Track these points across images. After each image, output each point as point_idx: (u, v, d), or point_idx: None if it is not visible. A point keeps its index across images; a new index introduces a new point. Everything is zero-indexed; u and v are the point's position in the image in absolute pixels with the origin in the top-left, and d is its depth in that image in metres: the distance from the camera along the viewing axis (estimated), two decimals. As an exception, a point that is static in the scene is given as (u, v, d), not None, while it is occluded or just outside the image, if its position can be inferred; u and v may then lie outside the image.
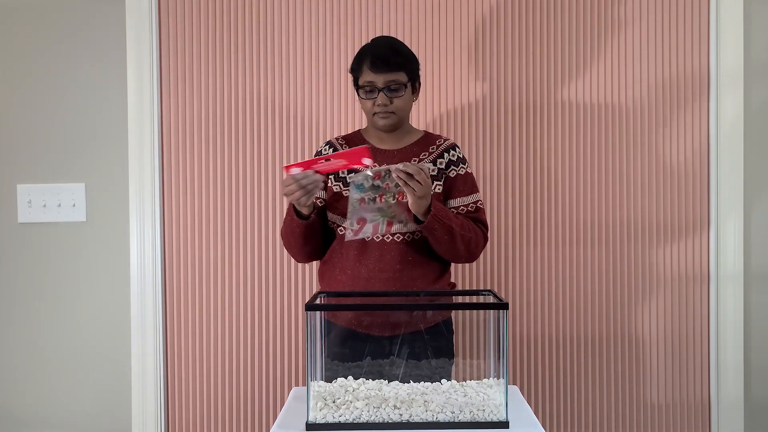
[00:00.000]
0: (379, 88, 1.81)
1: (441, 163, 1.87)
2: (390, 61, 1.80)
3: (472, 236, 1.82)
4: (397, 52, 1.82)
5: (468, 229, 1.82)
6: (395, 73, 1.81)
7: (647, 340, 2.33)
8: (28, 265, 2.36)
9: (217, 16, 2.32)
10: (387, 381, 1.54)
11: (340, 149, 1.92)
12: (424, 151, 1.89)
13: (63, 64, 2.34)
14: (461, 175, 1.89)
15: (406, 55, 1.84)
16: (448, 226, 1.76)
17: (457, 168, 1.89)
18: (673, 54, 2.32)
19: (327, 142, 1.96)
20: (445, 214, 1.77)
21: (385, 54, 1.81)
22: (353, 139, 1.94)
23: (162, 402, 2.33)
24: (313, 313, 1.45)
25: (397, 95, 1.82)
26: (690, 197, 2.33)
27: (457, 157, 1.89)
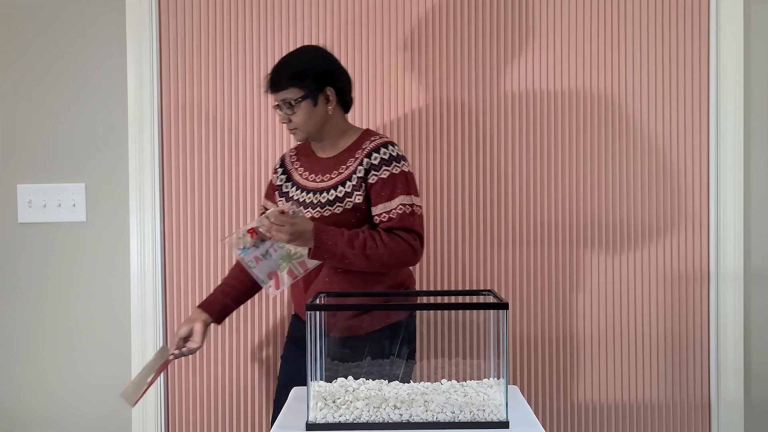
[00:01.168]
0: (276, 105, 1.86)
1: (360, 171, 1.82)
2: (278, 80, 1.82)
3: (381, 252, 1.76)
4: (287, 69, 1.82)
5: (375, 246, 1.75)
6: (285, 91, 1.81)
7: (647, 340, 2.33)
8: (28, 265, 2.36)
9: (217, 16, 2.32)
10: (387, 381, 1.54)
11: (286, 158, 2.00)
12: (350, 158, 1.87)
13: (63, 64, 2.34)
14: (382, 179, 1.81)
15: (296, 70, 1.81)
16: (340, 254, 1.74)
17: (378, 172, 1.81)
18: (673, 54, 2.32)
19: (281, 157, 2.03)
20: (332, 241, 1.73)
21: (275, 73, 1.83)
22: (303, 147, 1.99)
23: (162, 402, 2.33)
24: (313, 313, 1.45)
25: (290, 112, 1.83)
26: (690, 197, 2.33)
27: (380, 160, 1.82)
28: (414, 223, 1.80)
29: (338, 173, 1.86)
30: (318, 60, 1.86)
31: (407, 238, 1.79)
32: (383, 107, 2.31)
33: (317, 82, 1.83)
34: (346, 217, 1.83)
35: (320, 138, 1.90)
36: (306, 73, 1.82)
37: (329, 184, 1.86)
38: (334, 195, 1.84)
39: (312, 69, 1.83)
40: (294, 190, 1.92)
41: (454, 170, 2.32)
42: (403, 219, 1.79)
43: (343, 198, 1.83)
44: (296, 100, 1.81)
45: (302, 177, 1.93)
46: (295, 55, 1.88)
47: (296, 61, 1.85)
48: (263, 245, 1.80)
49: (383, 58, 2.31)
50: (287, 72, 1.82)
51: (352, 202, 1.82)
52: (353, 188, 1.83)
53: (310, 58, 1.87)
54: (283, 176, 1.97)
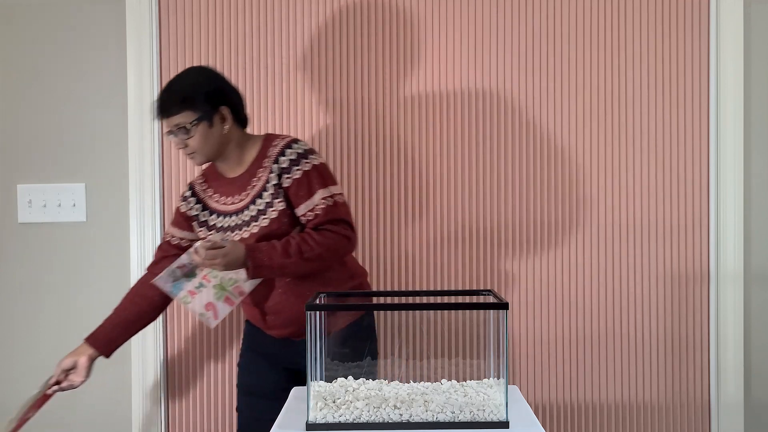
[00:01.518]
0: (170, 132, 1.81)
1: (273, 179, 1.81)
2: (169, 105, 1.77)
3: (318, 251, 1.75)
4: (174, 93, 1.78)
5: (309, 247, 1.75)
6: (178, 115, 1.77)
7: (647, 340, 2.33)
8: (28, 265, 2.36)
9: (217, 16, 2.32)
10: (387, 381, 1.54)
11: (198, 188, 1.94)
12: (260, 168, 1.83)
13: (63, 64, 2.34)
14: (296, 179, 1.80)
15: (184, 94, 1.77)
16: (277, 265, 1.73)
17: (290, 174, 1.80)
18: (673, 54, 2.32)
19: (189, 184, 1.98)
20: (268, 255, 1.72)
21: (163, 100, 1.79)
22: (210, 172, 1.94)
23: (162, 402, 2.33)
24: (313, 313, 1.45)
25: (185, 137, 1.79)
26: (690, 197, 2.33)
27: (289, 162, 1.80)
28: (339, 212, 1.81)
29: (252, 187, 1.83)
30: (207, 80, 1.83)
31: (337, 229, 1.79)
32: (383, 105, 2.32)
33: (210, 102, 1.79)
34: (276, 226, 1.80)
35: (222, 158, 1.86)
36: (197, 95, 1.78)
37: (247, 201, 1.83)
38: (255, 210, 1.82)
39: (203, 90, 1.79)
40: (215, 217, 1.89)
41: (454, 170, 2.32)
42: (328, 212, 1.79)
43: (265, 209, 1.81)
44: (191, 123, 1.77)
45: (219, 203, 1.89)
46: (183, 78, 1.83)
47: (185, 84, 1.80)
48: (195, 278, 1.80)
49: (384, 55, 2.31)
50: (178, 96, 1.77)
51: (276, 211, 1.80)
52: (272, 197, 1.80)
53: (200, 80, 1.82)
54: (197, 205, 1.92)
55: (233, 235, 1.83)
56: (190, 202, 1.94)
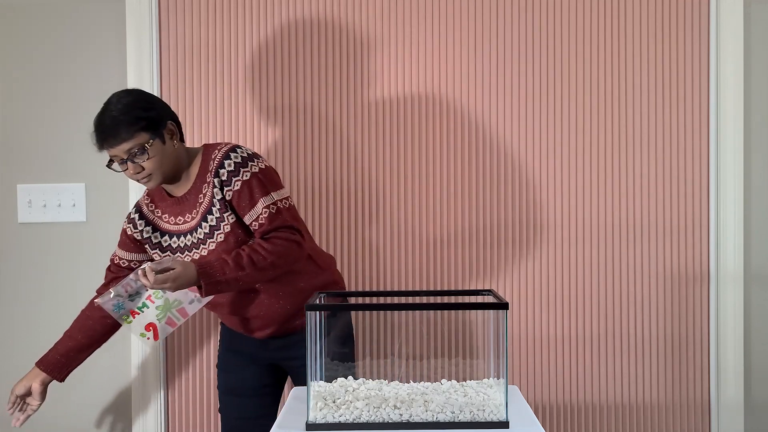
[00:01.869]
0: (124, 159, 1.73)
1: (217, 193, 1.75)
2: (120, 132, 1.70)
3: (270, 260, 1.71)
4: (124, 118, 1.71)
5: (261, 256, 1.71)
6: (131, 140, 1.71)
7: (647, 340, 2.33)
8: (28, 265, 2.36)
9: (217, 16, 2.32)
10: (387, 381, 1.54)
11: (145, 209, 1.88)
12: (203, 183, 1.79)
13: (63, 64, 2.34)
14: (236, 191, 1.75)
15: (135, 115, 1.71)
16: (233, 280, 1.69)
17: (231, 185, 1.75)
18: (673, 54, 2.32)
19: (135, 205, 1.92)
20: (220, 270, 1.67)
21: (112, 125, 1.70)
22: (156, 194, 1.88)
23: (162, 401, 2.33)
24: (312, 313, 1.45)
25: (143, 159, 1.72)
26: (690, 197, 2.33)
27: (227, 174, 1.75)
28: (284, 219, 1.77)
29: (199, 204, 1.79)
30: (145, 99, 1.77)
31: (285, 235, 1.75)
32: (383, 105, 2.31)
33: (157, 119, 1.75)
34: (233, 239, 1.77)
35: (174, 176, 1.81)
36: (144, 113, 1.73)
37: (198, 219, 1.80)
38: (208, 227, 1.78)
39: (147, 108, 1.74)
40: (167, 238, 1.85)
41: (454, 170, 2.32)
42: (273, 220, 1.75)
43: (218, 224, 1.77)
44: (148, 143, 1.71)
45: (169, 223, 1.85)
46: (120, 103, 1.74)
47: (127, 107, 1.73)
48: (139, 297, 1.78)
49: (383, 54, 2.31)
50: (126, 119, 1.70)
51: (228, 225, 1.76)
52: (220, 211, 1.76)
53: (138, 99, 1.76)
54: (147, 227, 1.87)
55: (191, 254, 1.80)
56: (138, 225, 1.87)
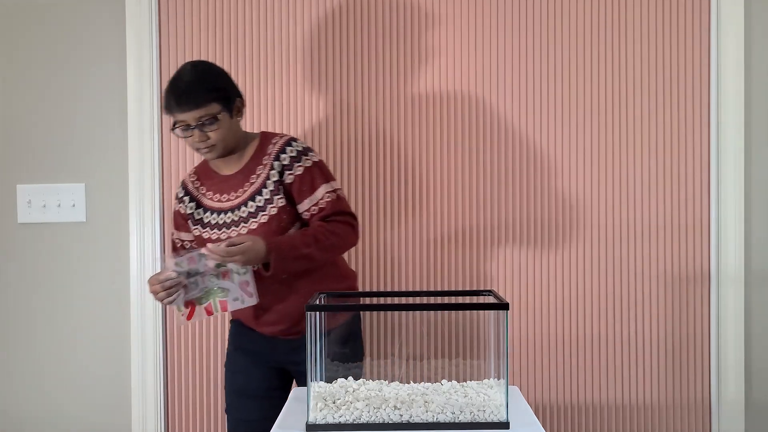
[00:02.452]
0: (192, 126, 1.76)
1: (274, 175, 1.81)
2: (195, 98, 1.73)
3: (331, 240, 1.78)
4: (200, 86, 1.75)
5: (323, 236, 1.77)
6: (204, 107, 1.74)
7: (647, 341, 2.33)
8: (28, 265, 2.36)
9: (217, 16, 2.32)
10: (387, 381, 1.54)
11: (189, 185, 1.92)
12: (259, 165, 1.84)
13: (63, 64, 2.34)
14: (298, 176, 1.82)
15: (212, 85, 1.77)
16: (298, 255, 1.74)
17: (291, 170, 1.82)
18: (674, 54, 2.32)
19: (181, 182, 1.96)
20: (289, 246, 1.73)
21: (189, 91, 1.73)
22: (203, 170, 1.93)
23: (162, 401, 2.33)
24: (313, 313, 1.45)
25: (212, 129, 1.76)
26: (691, 197, 2.32)
27: (290, 159, 1.82)
28: (343, 206, 1.85)
29: (250, 184, 1.84)
30: (222, 72, 1.83)
31: (344, 220, 1.83)
32: (382, 105, 2.32)
33: (230, 92, 1.80)
34: (275, 223, 1.80)
35: (231, 152, 1.85)
36: (221, 85, 1.78)
37: (244, 197, 1.83)
38: (254, 206, 1.82)
39: (224, 80, 1.81)
40: (208, 215, 1.88)
41: (454, 170, 2.32)
42: (332, 206, 1.82)
43: (265, 206, 1.81)
44: (219, 114, 1.76)
45: (213, 200, 1.88)
46: (200, 70, 1.79)
47: (207, 76, 1.78)
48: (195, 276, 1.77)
49: (385, 54, 2.31)
50: (203, 87, 1.75)
51: (275, 207, 1.81)
52: (272, 193, 1.81)
53: (217, 71, 1.82)
54: (192, 203, 1.91)
55: (230, 232, 1.83)
56: (184, 201, 1.92)
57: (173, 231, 1.99)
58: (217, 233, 1.85)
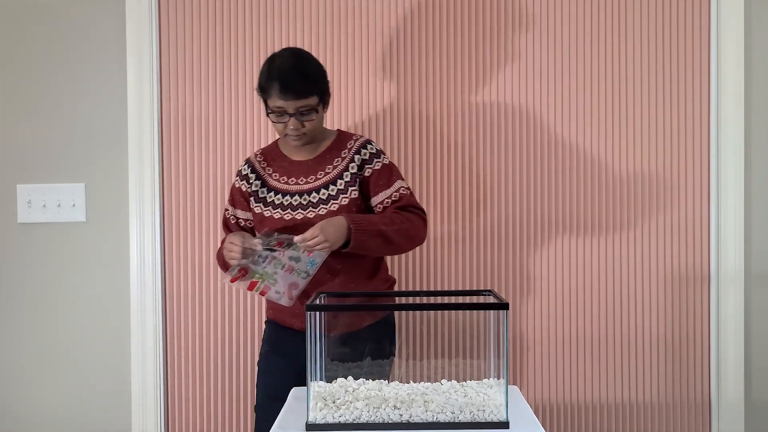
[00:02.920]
0: (290, 114, 1.80)
1: (353, 168, 1.89)
2: (300, 88, 1.78)
3: (406, 226, 1.85)
4: (306, 77, 1.79)
5: (399, 221, 1.84)
6: (306, 99, 1.79)
7: (647, 340, 2.33)
8: (28, 265, 2.36)
9: (217, 16, 2.32)
10: (387, 381, 1.54)
11: (255, 164, 1.96)
12: (336, 157, 1.91)
13: (63, 64, 2.34)
14: (377, 170, 1.90)
15: (315, 77, 1.82)
16: (376, 231, 1.79)
17: (371, 164, 1.90)
18: (674, 54, 2.32)
19: (246, 161, 1.99)
20: (367, 222, 1.79)
21: (294, 80, 1.77)
22: (271, 152, 1.97)
23: (162, 402, 2.33)
24: (313, 313, 1.45)
25: (308, 119, 1.82)
26: (690, 197, 2.33)
27: (369, 154, 1.91)
28: (415, 201, 1.93)
29: (325, 173, 1.89)
30: (321, 65, 1.87)
31: (417, 214, 1.90)
32: (383, 104, 2.31)
33: (327, 86, 1.87)
34: (344, 212, 1.85)
35: (313, 141, 1.91)
36: (323, 80, 1.85)
37: (317, 184, 1.89)
38: (326, 194, 1.87)
39: (323, 74, 1.86)
40: (272, 194, 1.91)
41: (454, 170, 2.32)
42: (407, 199, 1.90)
43: (337, 195, 1.87)
44: (317, 105, 1.82)
45: (280, 181, 1.92)
46: (305, 61, 1.84)
47: (311, 68, 1.83)
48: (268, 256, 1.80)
49: (383, 62, 2.31)
50: (308, 78, 1.80)
51: (347, 198, 1.86)
52: (347, 184, 1.87)
53: (318, 63, 1.86)
54: (257, 182, 1.94)
55: (294, 214, 1.87)
56: (250, 178, 1.95)
57: (228, 206, 2.01)
58: (280, 213, 1.89)
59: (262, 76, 1.83)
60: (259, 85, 1.84)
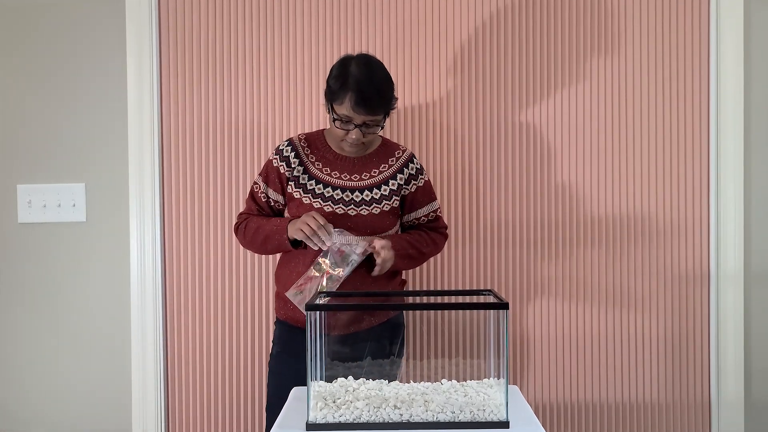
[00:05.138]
0: (356, 124, 1.82)
1: (401, 179, 1.95)
2: (374, 105, 1.79)
3: (431, 249, 1.98)
4: (382, 95, 1.80)
5: (425, 243, 1.96)
6: (377, 115, 1.82)
7: (647, 340, 2.33)
8: (28, 265, 2.36)
9: (217, 17, 2.32)
10: (387, 381, 1.54)
11: (299, 148, 1.95)
12: (383, 163, 1.95)
13: (63, 64, 2.34)
14: (420, 186, 1.98)
15: (388, 94, 1.83)
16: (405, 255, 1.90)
17: (417, 181, 1.98)
18: (674, 54, 2.32)
19: (288, 141, 1.97)
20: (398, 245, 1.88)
21: (371, 97, 1.78)
22: (315, 141, 1.97)
23: (162, 401, 2.33)
24: (313, 312, 1.45)
25: (372, 131, 1.86)
26: (690, 197, 2.33)
27: (416, 170, 1.98)
28: (443, 221, 2.07)
29: (370, 175, 1.93)
30: (390, 78, 1.86)
31: (444, 234, 2.04)
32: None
33: (394, 101, 1.88)
34: (382, 218, 1.91)
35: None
36: (393, 98, 1.86)
37: (362, 184, 1.92)
38: (370, 196, 1.91)
39: (393, 89, 1.86)
40: (314, 183, 1.91)
41: (454, 170, 2.32)
42: (440, 218, 2.05)
43: (380, 200, 1.91)
44: (383, 120, 1.85)
45: (323, 172, 1.93)
46: (382, 77, 1.83)
47: (387, 86, 1.83)
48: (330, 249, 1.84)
49: (383, 56, 2.31)
50: (384, 96, 1.81)
51: (389, 205, 1.92)
52: (392, 192, 1.93)
53: (389, 78, 1.85)
54: (300, 167, 1.93)
55: (335, 207, 1.89)
56: (292, 163, 1.93)
57: (260, 182, 1.97)
58: (320, 203, 1.90)
59: (335, 80, 1.81)
60: (330, 88, 1.82)
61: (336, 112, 1.82)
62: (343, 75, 1.79)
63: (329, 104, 1.84)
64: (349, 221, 1.87)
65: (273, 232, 1.88)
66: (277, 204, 1.97)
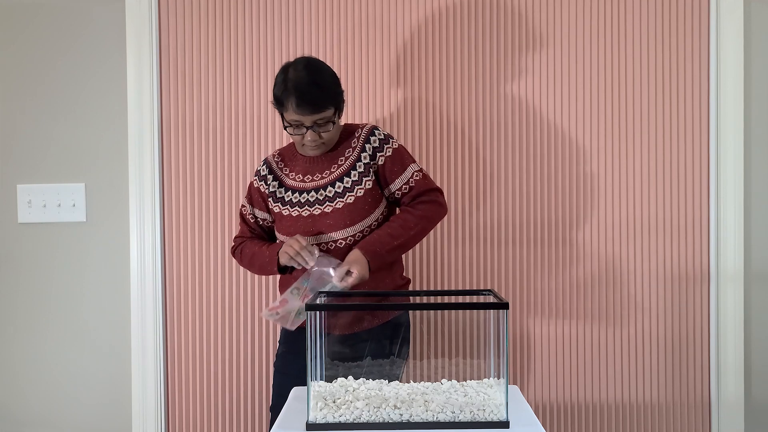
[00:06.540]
0: (307, 126, 1.82)
1: (366, 157, 1.90)
2: (317, 102, 1.78)
3: (423, 224, 1.89)
4: (321, 89, 1.80)
5: (414, 223, 1.87)
6: (323, 111, 1.80)
7: (647, 340, 2.33)
8: (28, 265, 2.36)
9: (217, 16, 2.32)
10: (387, 381, 1.54)
11: (273, 164, 1.98)
12: (347, 148, 1.92)
13: (63, 64, 2.34)
14: (389, 156, 1.91)
15: (330, 89, 1.82)
16: (392, 248, 1.84)
17: (382, 152, 1.91)
18: (674, 54, 2.32)
19: (264, 161, 2.01)
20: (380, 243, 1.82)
21: (311, 94, 1.78)
22: (287, 153, 1.99)
23: (162, 401, 2.33)
24: (313, 312, 1.45)
25: (325, 130, 1.84)
26: (690, 197, 2.33)
27: (379, 141, 1.91)
28: (429, 183, 1.93)
29: (338, 166, 1.90)
30: (335, 74, 1.88)
31: (432, 198, 1.92)
32: (383, 106, 2.32)
33: (342, 95, 1.88)
34: (360, 204, 1.87)
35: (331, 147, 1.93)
36: (338, 91, 1.85)
37: (330, 178, 1.90)
38: (341, 186, 1.88)
39: (338, 83, 1.87)
40: (289, 194, 1.93)
41: (454, 170, 2.32)
42: (420, 184, 1.91)
43: (352, 187, 1.88)
44: (334, 117, 1.84)
45: (296, 180, 1.94)
46: (322, 73, 1.84)
47: (326, 80, 1.83)
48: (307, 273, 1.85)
49: (383, 61, 2.31)
50: (325, 92, 1.80)
51: (362, 189, 1.88)
52: (360, 175, 1.88)
53: (332, 73, 1.86)
54: (275, 182, 1.97)
55: (312, 210, 1.89)
56: (268, 179, 1.97)
57: (246, 204, 2.02)
58: (298, 211, 1.90)
59: (277, 88, 1.83)
60: (275, 97, 1.84)
61: (286, 120, 1.84)
62: (283, 81, 1.81)
63: (280, 116, 1.86)
64: (328, 219, 1.87)
65: (266, 264, 1.93)
66: (266, 222, 2.00)
